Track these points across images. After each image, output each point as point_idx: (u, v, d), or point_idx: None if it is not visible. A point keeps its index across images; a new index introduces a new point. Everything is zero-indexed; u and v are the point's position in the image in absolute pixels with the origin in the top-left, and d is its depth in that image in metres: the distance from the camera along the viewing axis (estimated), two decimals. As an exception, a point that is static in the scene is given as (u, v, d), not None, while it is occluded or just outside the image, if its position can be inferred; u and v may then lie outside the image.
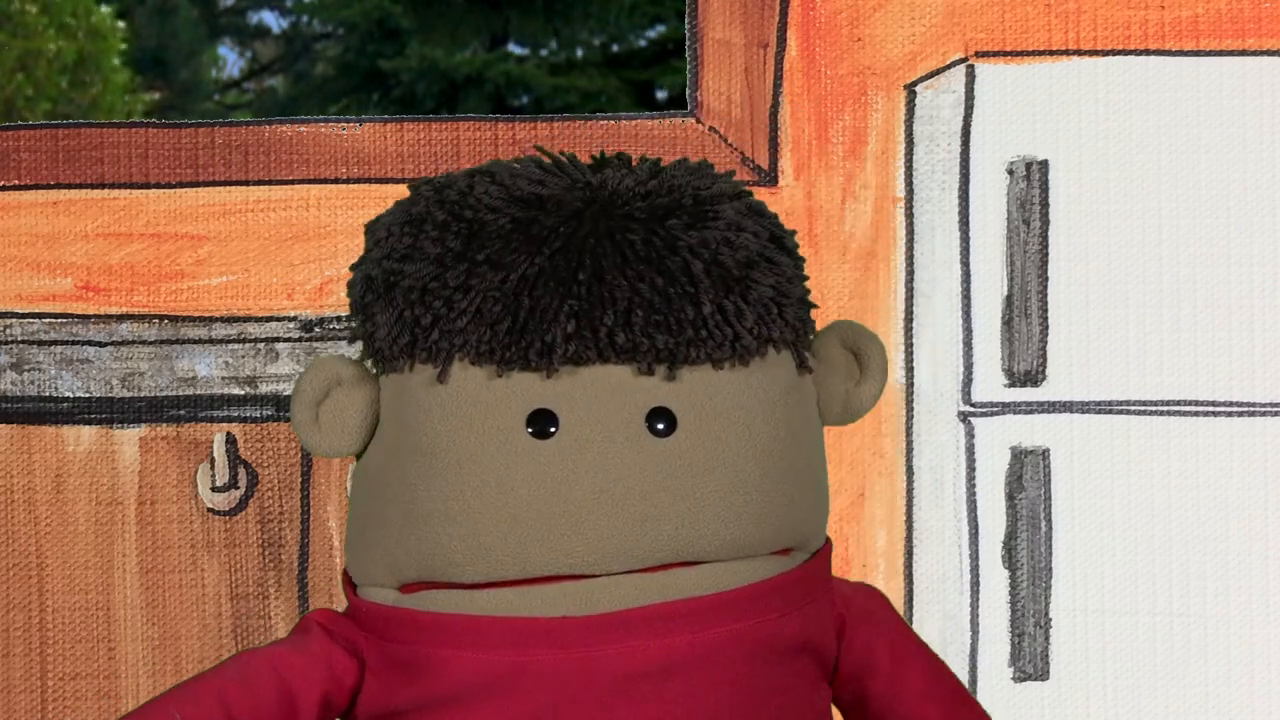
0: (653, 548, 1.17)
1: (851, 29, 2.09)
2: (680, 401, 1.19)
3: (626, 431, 1.18)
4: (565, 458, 1.18)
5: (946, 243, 2.08)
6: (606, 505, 1.17)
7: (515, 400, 1.18)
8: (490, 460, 1.18)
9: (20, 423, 2.12)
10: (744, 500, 1.19)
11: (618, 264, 1.18)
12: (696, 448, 1.19)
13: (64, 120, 2.23)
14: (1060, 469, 2.08)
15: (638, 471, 1.18)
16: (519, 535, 1.18)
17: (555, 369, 1.17)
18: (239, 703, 1.22)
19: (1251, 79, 2.06)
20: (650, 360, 1.18)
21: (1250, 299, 2.06)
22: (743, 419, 1.20)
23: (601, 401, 1.18)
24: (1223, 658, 2.06)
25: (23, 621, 2.12)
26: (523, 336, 1.17)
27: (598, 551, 1.17)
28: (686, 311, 1.18)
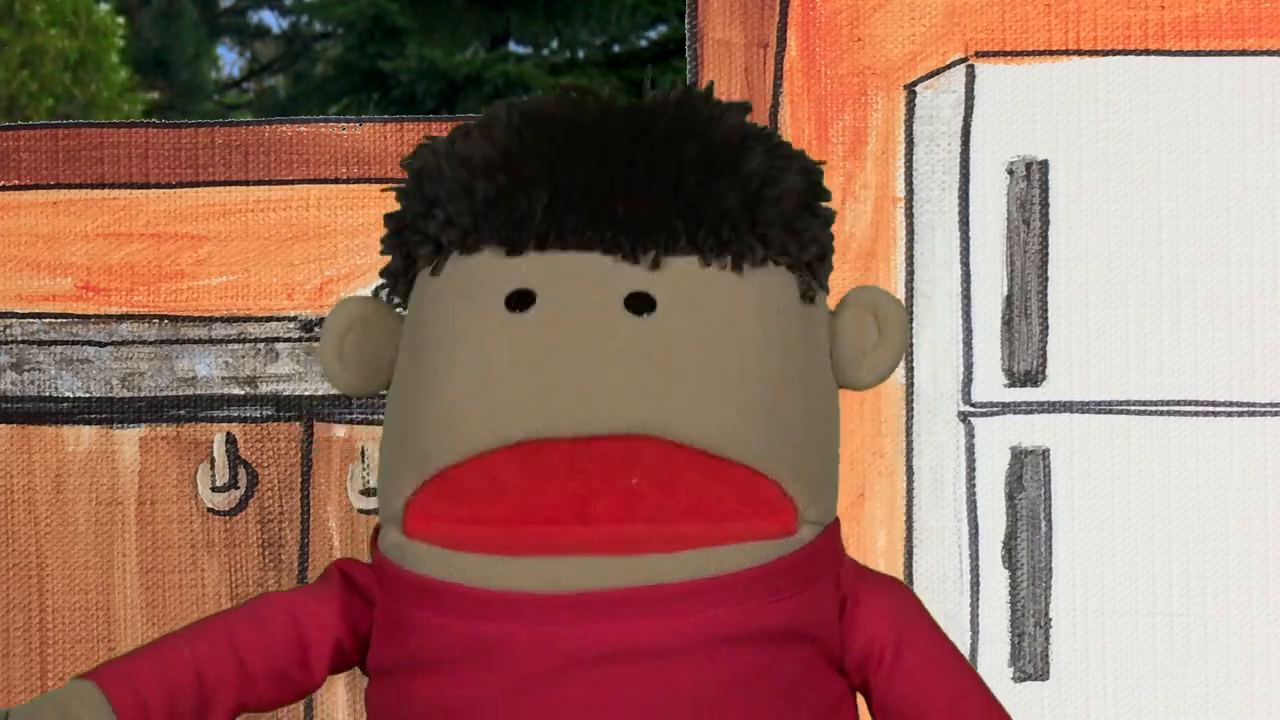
0: (621, 413, 1.17)
1: (851, 29, 2.09)
2: (663, 290, 1.19)
3: (604, 308, 1.18)
4: (539, 329, 1.18)
5: (946, 243, 2.08)
6: (578, 370, 1.17)
7: (496, 281, 1.20)
8: (467, 334, 1.20)
9: (20, 423, 2.12)
10: (721, 384, 1.18)
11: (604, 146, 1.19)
12: (675, 330, 1.18)
13: (64, 120, 2.23)
14: (1060, 469, 2.08)
15: (611, 342, 1.18)
16: (491, 401, 1.18)
17: (528, 243, 1.18)
18: (249, 643, 1.23)
19: (1251, 79, 2.06)
20: (631, 239, 1.18)
21: (1250, 299, 2.06)
22: (727, 316, 1.19)
23: (581, 283, 1.19)
24: (1223, 658, 2.06)
25: (23, 621, 2.12)
26: (497, 206, 1.19)
27: (568, 414, 1.17)
28: (669, 199, 1.18)
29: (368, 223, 2.12)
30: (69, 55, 8.47)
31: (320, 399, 2.12)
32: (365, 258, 2.12)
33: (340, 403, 2.12)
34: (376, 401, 2.12)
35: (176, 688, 1.21)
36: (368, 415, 2.12)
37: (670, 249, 1.19)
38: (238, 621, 1.24)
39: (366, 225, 2.12)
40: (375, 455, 2.12)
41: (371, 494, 2.12)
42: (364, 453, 2.12)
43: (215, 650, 1.23)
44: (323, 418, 2.12)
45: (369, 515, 2.12)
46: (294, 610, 1.25)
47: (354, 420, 2.12)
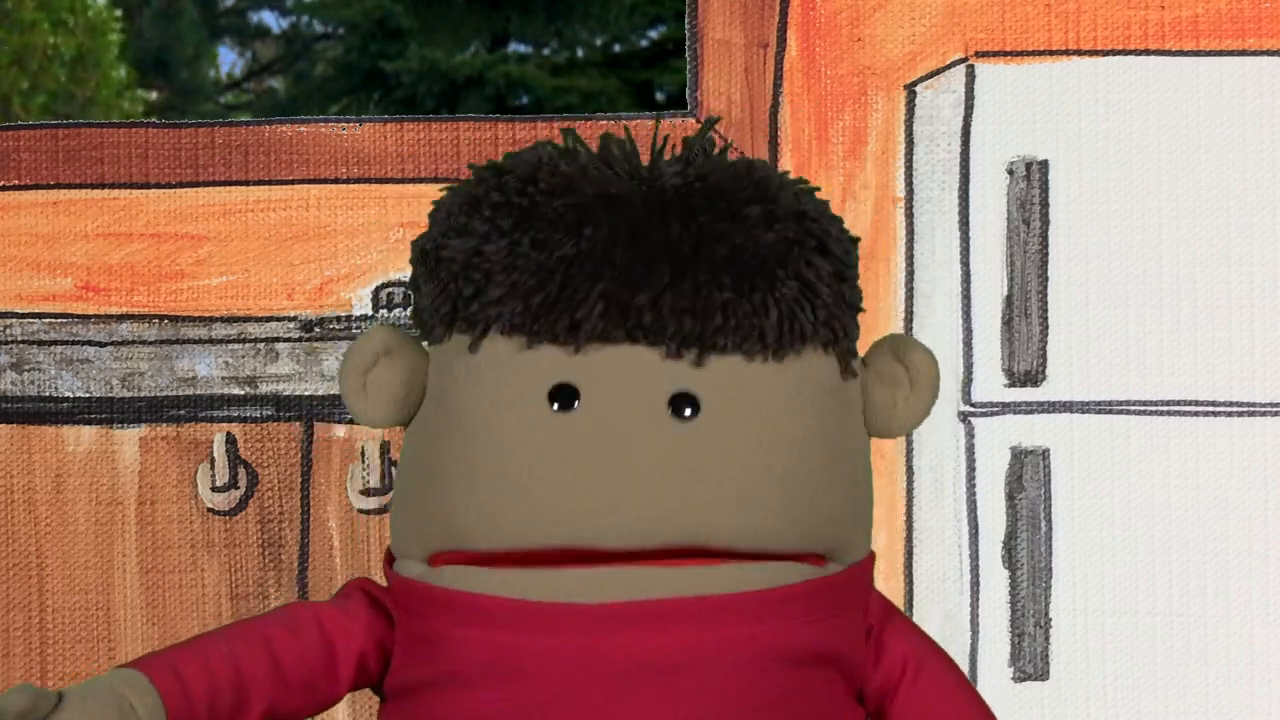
0: (663, 526, 1.17)
1: (851, 29, 2.09)
2: (706, 388, 1.19)
3: (648, 411, 1.18)
4: (582, 431, 1.18)
5: (946, 243, 2.08)
6: (619, 479, 1.17)
7: (540, 372, 1.19)
8: (509, 428, 1.19)
9: (20, 423, 2.12)
10: (763, 490, 1.19)
11: (652, 252, 1.19)
12: (718, 433, 1.18)
13: (64, 120, 2.23)
14: (1060, 469, 2.08)
15: (655, 450, 1.18)
16: (530, 504, 1.18)
17: (582, 344, 1.18)
18: (284, 648, 1.23)
19: (1251, 79, 2.06)
20: (677, 343, 1.18)
21: (1250, 299, 2.06)
22: (770, 411, 1.20)
23: (626, 381, 1.19)
24: (1223, 658, 2.06)
25: (23, 621, 2.12)
26: (554, 310, 1.19)
27: (607, 525, 1.17)
28: (715, 299, 1.18)
29: (368, 223, 2.12)
30: (65, 53, 8.46)
31: (320, 399, 2.12)
32: (365, 258, 2.12)
33: (340, 403, 2.12)
34: (376, 402, 2.12)
35: (216, 682, 1.20)
36: (368, 415, 2.12)
37: (717, 350, 1.20)
38: (271, 626, 1.24)
39: (366, 225, 2.12)
40: (375, 455, 2.12)
41: (371, 494, 2.12)
42: (364, 453, 2.12)
43: (252, 651, 1.22)
44: (323, 418, 2.12)
45: (369, 515, 2.12)
46: (323, 621, 1.25)
47: (354, 420, 2.12)
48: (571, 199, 1.21)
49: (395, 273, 2.12)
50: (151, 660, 1.20)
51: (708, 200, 1.21)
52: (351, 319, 2.12)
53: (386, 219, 2.12)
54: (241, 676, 1.21)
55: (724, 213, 1.21)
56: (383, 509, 2.12)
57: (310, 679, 1.23)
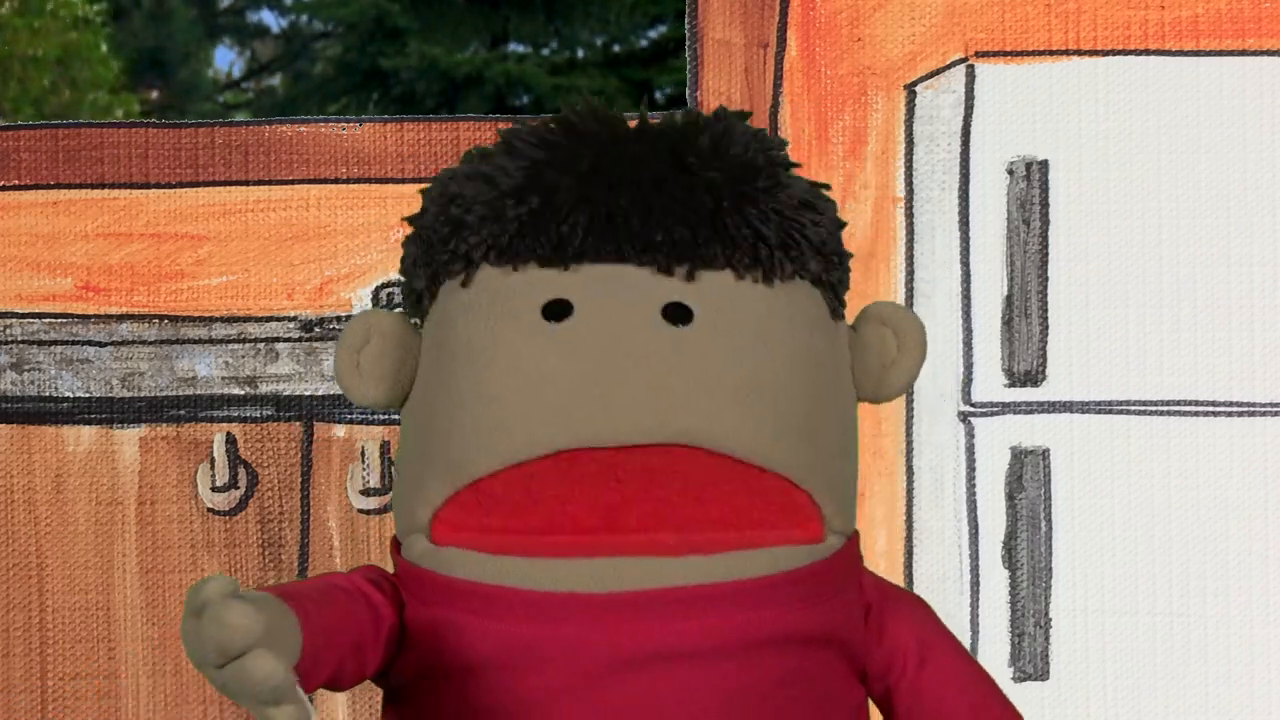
0: (659, 423, 1.17)
1: (851, 29, 2.09)
2: (699, 301, 1.19)
3: (642, 318, 1.19)
4: (577, 337, 1.19)
5: (946, 243, 2.08)
6: (617, 378, 1.18)
7: (531, 291, 1.20)
8: (505, 344, 1.20)
9: (20, 423, 2.12)
10: (755, 396, 1.19)
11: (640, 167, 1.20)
12: (712, 340, 1.19)
13: (64, 120, 2.23)
14: (1060, 469, 2.08)
15: (651, 351, 1.18)
16: (532, 410, 1.18)
17: (570, 259, 1.19)
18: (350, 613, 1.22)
19: (1251, 79, 2.06)
20: (668, 255, 1.19)
21: (1250, 299, 2.06)
22: (761, 328, 1.20)
23: (618, 293, 1.19)
24: (1223, 658, 2.06)
25: (23, 621, 2.12)
26: (536, 224, 1.20)
27: (609, 424, 1.17)
28: (704, 209, 1.19)
29: (368, 223, 2.12)
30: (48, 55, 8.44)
31: (320, 399, 2.12)
32: (365, 257, 2.12)
33: (340, 403, 2.12)
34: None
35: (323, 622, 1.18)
36: (368, 415, 2.12)
37: (706, 264, 1.20)
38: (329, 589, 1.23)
39: (366, 225, 2.12)
40: (375, 455, 2.12)
41: (371, 494, 2.12)
42: (364, 453, 2.12)
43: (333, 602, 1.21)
44: (323, 418, 2.12)
45: (369, 515, 2.12)
46: (366, 593, 1.24)
47: (354, 420, 2.12)
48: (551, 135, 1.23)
49: (395, 273, 2.12)
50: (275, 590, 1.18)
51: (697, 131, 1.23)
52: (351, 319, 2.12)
53: (386, 219, 2.12)
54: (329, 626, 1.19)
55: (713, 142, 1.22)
56: (383, 509, 2.12)
57: (362, 643, 1.22)
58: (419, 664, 1.23)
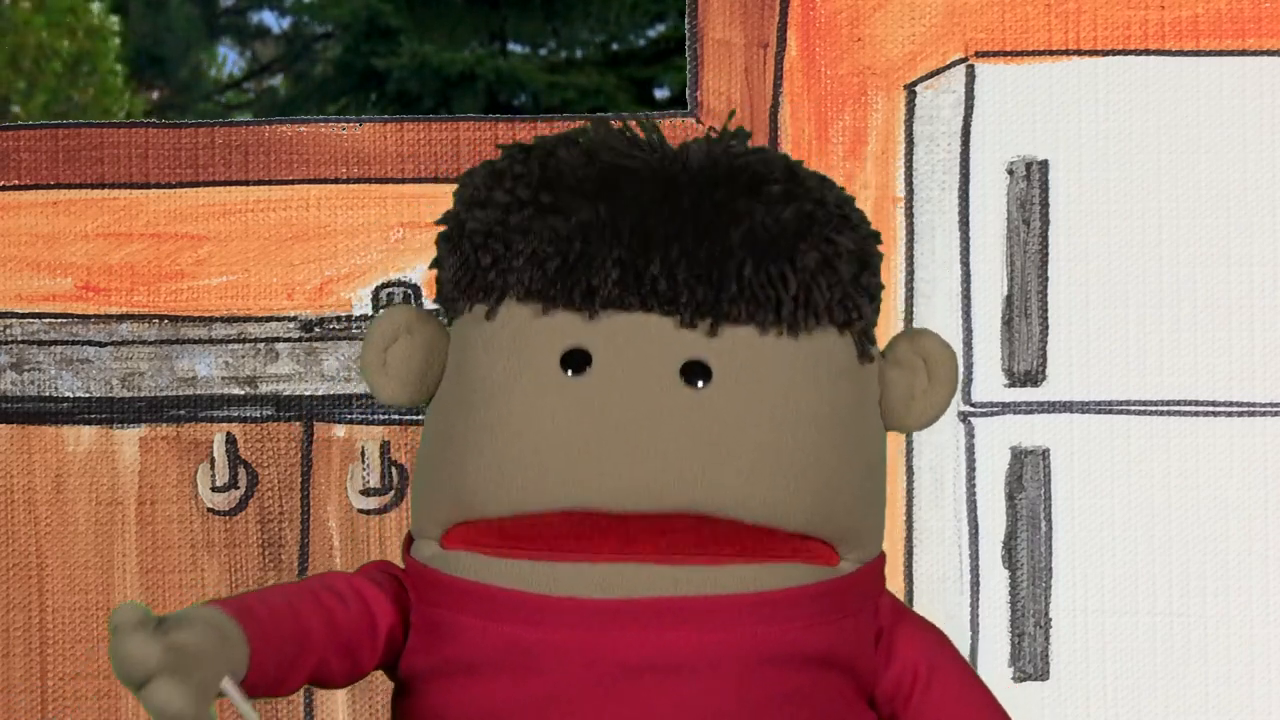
0: (670, 491, 1.17)
1: (851, 29, 2.09)
2: (719, 359, 1.19)
3: (660, 377, 1.18)
4: (593, 394, 1.18)
5: (946, 243, 2.08)
6: (627, 442, 1.17)
7: (554, 337, 1.20)
8: (520, 391, 1.20)
9: (20, 423, 2.12)
10: (773, 461, 1.18)
11: (670, 222, 1.19)
12: (729, 403, 1.18)
13: (63, 120, 2.23)
14: (1060, 469, 2.08)
15: (665, 415, 1.17)
16: (539, 465, 1.18)
17: (596, 310, 1.19)
18: (336, 610, 1.23)
19: (1251, 79, 2.06)
20: (691, 312, 1.18)
21: (1250, 299, 2.06)
22: (782, 385, 1.19)
23: (638, 346, 1.19)
24: (1223, 658, 2.06)
25: (23, 621, 2.12)
26: (570, 275, 1.19)
27: (614, 488, 1.17)
28: (730, 267, 1.18)
29: (368, 223, 2.12)
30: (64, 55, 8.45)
31: (320, 399, 2.12)
32: (365, 257, 2.12)
33: (340, 403, 2.12)
34: (377, 402, 2.12)
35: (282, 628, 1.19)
36: (368, 415, 2.12)
37: (730, 320, 1.19)
38: (320, 589, 1.24)
39: (366, 225, 2.12)
40: (375, 455, 2.12)
41: (371, 494, 2.12)
42: (364, 453, 2.12)
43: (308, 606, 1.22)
44: (323, 418, 2.12)
45: (369, 515, 2.12)
46: (361, 590, 1.24)
47: (354, 420, 2.12)
48: (593, 169, 1.22)
49: (395, 273, 2.12)
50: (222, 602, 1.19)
51: (730, 175, 1.22)
52: (351, 319, 2.12)
53: (386, 219, 2.12)
54: (302, 627, 1.20)
55: (745, 188, 1.21)
56: (383, 509, 2.12)
57: (354, 644, 1.23)
58: (423, 662, 1.23)
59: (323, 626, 1.21)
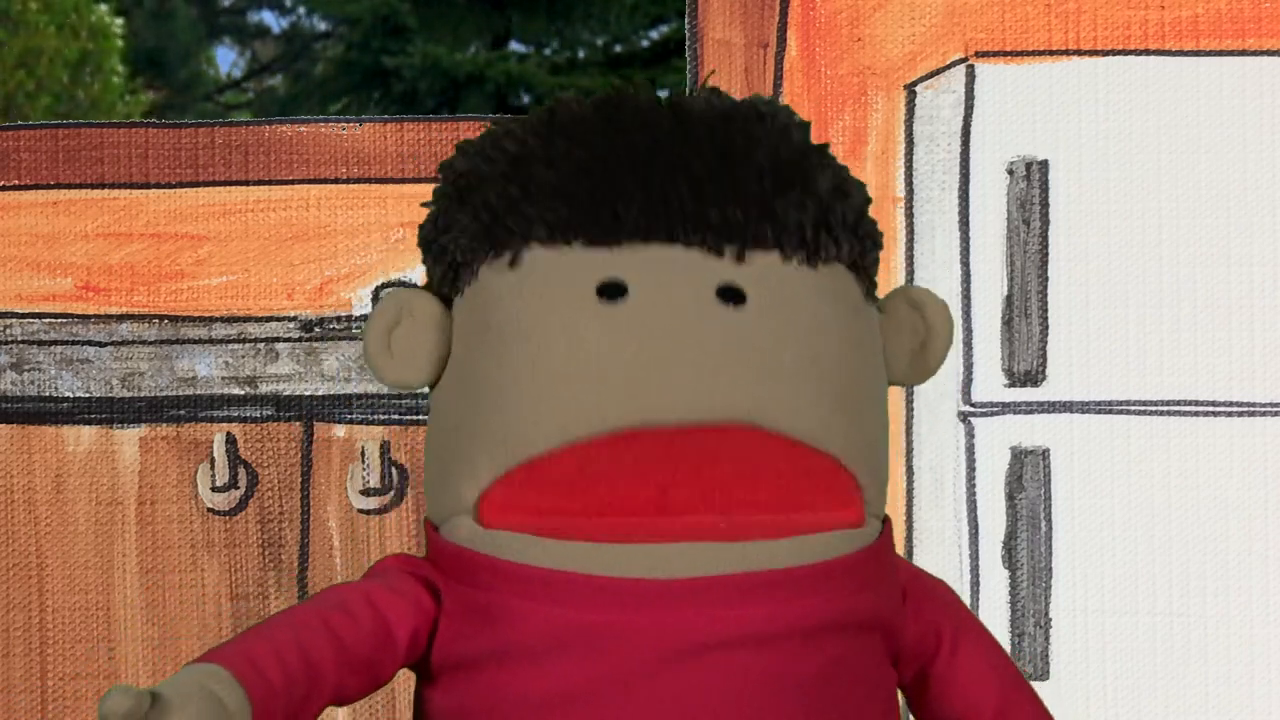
0: (718, 403, 1.18)
1: (851, 29, 2.09)
2: (751, 283, 1.20)
3: (697, 299, 1.19)
4: (634, 318, 1.19)
5: (946, 243, 2.08)
6: (677, 359, 1.18)
7: (585, 271, 1.20)
8: (560, 324, 1.20)
9: (20, 423, 2.12)
10: (813, 376, 1.20)
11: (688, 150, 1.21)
12: (768, 321, 1.20)
13: (64, 120, 2.23)
14: (1060, 469, 2.08)
15: (707, 333, 1.19)
16: (591, 388, 1.18)
17: (625, 240, 1.20)
18: (346, 631, 1.22)
19: (1251, 79, 2.06)
20: (719, 237, 1.19)
21: (1250, 299, 2.06)
22: (813, 309, 1.21)
23: (671, 273, 1.20)
24: (1223, 658, 2.06)
25: (23, 621, 2.12)
26: (594, 208, 1.20)
27: (668, 404, 1.17)
28: (754, 191, 1.20)
29: (368, 223, 2.12)
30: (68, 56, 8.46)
31: (320, 399, 2.12)
32: (365, 257, 2.12)
33: (340, 403, 2.12)
34: (376, 402, 2.12)
35: (290, 670, 1.19)
36: (368, 415, 2.12)
37: (755, 245, 1.21)
38: (328, 609, 1.23)
39: (366, 225, 2.12)
40: (375, 455, 2.12)
41: (371, 494, 2.12)
42: (364, 453, 2.12)
43: (317, 637, 1.21)
44: (323, 418, 2.12)
45: (369, 515, 2.12)
46: (373, 599, 1.23)
47: (354, 420, 2.12)
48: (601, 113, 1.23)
49: (395, 273, 2.12)
50: (226, 653, 1.19)
51: (734, 110, 1.25)
52: (351, 319, 2.12)
53: (386, 219, 2.12)
54: (311, 662, 1.20)
55: (756, 120, 1.24)
56: (383, 509, 2.12)
57: (370, 658, 1.22)
58: (465, 647, 1.22)
59: (334, 656, 1.21)
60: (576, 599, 1.17)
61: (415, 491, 2.12)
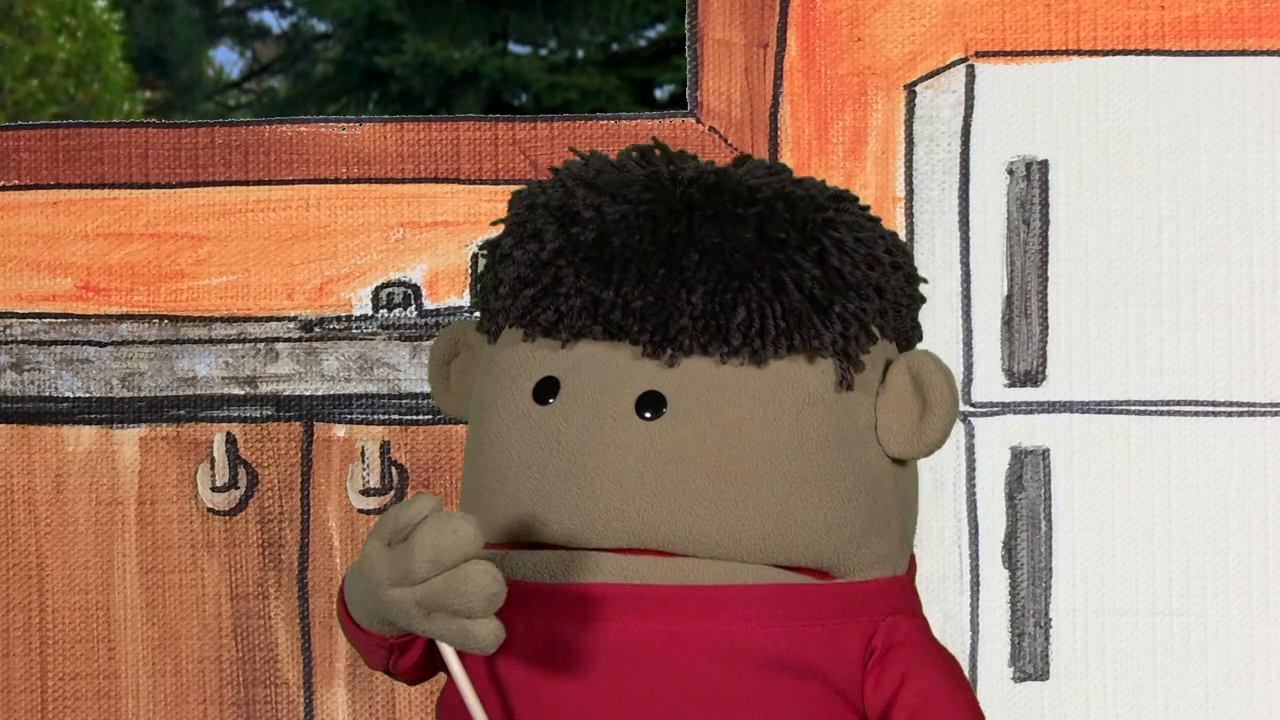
0: (623, 529, 1.17)
1: (851, 29, 2.09)
2: (676, 389, 1.18)
3: (615, 409, 1.18)
4: (553, 425, 1.19)
5: (946, 243, 2.08)
6: (581, 479, 1.17)
7: (532, 365, 1.21)
8: (497, 419, 1.21)
9: (20, 423, 2.12)
10: (722, 496, 1.17)
11: (631, 248, 1.19)
12: (680, 434, 1.17)
13: (64, 120, 2.23)
14: (1060, 469, 2.08)
15: (616, 449, 1.17)
16: (504, 497, 1.19)
17: (566, 339, 1.19)
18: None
19: (1251, 79, 2.06)
20: (647, 342, 1.18)
21: (1250, 299, 2.06)
22: (737, 416, 1.18)
23: (599, 376, 1.19)
24: (1223, 658, 2.06)
25: (23, 621, 2.12)
26: (541, 304, 1.20)
27: (570, 526, 1.17)
28: (681, 298, 1.17)
29: (368, 223, 2.12)
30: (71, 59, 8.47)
31: (320, 399, 2.12)
32: (365, 257, 2.12)
33: (340, 403, 2.12)
34: (376, 402, 2.12)
35: None
36: (368, 415, 2.12)
37: (685, 350, 1.18)
38: None
39: (366, 225, 2.12)
40: (375, 455, 2.12)
41: (371, 494, 2.12)
42: (364, 453, 2.12)
43: None
44: (323, 418, 2.12)
45: (369, 515, 2.12)
46: None
47: (354, 420, 2.12)
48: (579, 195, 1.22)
49: (395, 273, 2.12)
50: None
51: (704, 197, 1.20)
52: (351, 319, 2.12)
53: (386, 219, 2.12)
54: None
55: (715, 210, 1.19)
56: (383, 509, 2.12)
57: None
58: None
59: None
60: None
61: (415, 491, 2.12)
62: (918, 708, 1.20)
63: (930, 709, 1.20)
